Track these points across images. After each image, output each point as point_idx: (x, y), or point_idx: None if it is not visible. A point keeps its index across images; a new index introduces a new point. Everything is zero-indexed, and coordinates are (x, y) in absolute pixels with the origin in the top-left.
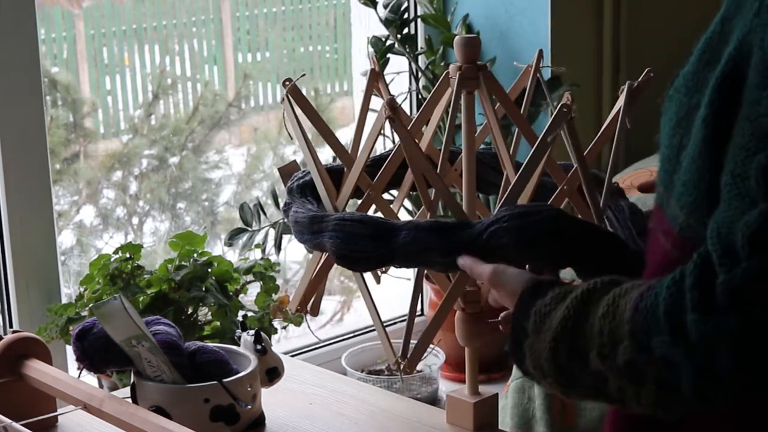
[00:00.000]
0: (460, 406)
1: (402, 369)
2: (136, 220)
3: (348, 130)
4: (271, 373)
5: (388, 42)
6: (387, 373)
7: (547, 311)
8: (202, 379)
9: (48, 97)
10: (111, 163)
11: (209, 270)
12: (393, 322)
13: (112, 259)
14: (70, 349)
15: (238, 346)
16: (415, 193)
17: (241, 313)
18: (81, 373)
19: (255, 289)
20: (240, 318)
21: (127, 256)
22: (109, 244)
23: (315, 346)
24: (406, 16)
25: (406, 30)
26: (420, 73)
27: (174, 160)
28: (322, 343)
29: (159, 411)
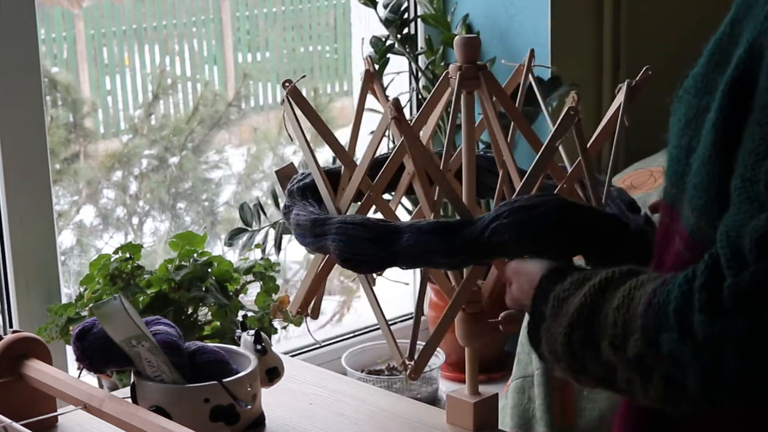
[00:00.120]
0: (460, 406)
1: (408, 373)
2: (136, 220)
3: (348, 130)
4: (271, 373)
5: (388, 42)
6: (387, 373)
7: (566, 296)
8: (202, 379)
9: (48, 97)
10: (111, 163)
11: (209, 270)
12: (392, 323)
13: (112, 259)
14: (70, 349)
15: (238, 346)
16: (413, 195)
17: (241, 313)
18: (81, 373)
19: (255, 289)
20: (240, 318)
21: (127, 256)
22: (109, 244)
23: (315, 346)
24: (406, 16)
25: (406, 30)
26: (420, 73)
27: (174, 160)
28: (322, 343)
29: (159, 411)
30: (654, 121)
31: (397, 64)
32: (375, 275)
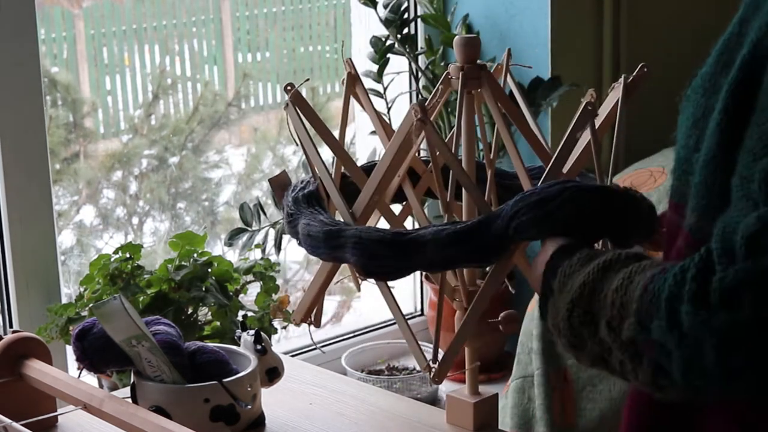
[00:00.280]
0: (460, 406)
1: (432, 377)
2: (136, 220)
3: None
4: (271, 373)
5: (388, 42)
6: (387, 373)
7: (571, 272)
8: (202, 379)
9: (48, 97)
10: (111, 163)
11: (209, 270)
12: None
13: (112, 259)
14: (70, 349)
15: (238, 346)
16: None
17: (241, 313)
18: (81, 373)
19: (255, 289)
20: (240, 318)
21: (127, 256)
22: (109, 244)
23: (315, 346)
24: (406, 16)
25: (406, 30)
26: (420, 73)
27: (174, 160)
28: (322, 344)
29: (159, 411)
30: (654, 121)
31: (397, 64)
32: (360, 279)
